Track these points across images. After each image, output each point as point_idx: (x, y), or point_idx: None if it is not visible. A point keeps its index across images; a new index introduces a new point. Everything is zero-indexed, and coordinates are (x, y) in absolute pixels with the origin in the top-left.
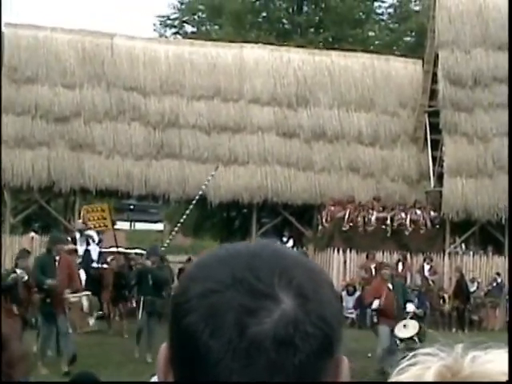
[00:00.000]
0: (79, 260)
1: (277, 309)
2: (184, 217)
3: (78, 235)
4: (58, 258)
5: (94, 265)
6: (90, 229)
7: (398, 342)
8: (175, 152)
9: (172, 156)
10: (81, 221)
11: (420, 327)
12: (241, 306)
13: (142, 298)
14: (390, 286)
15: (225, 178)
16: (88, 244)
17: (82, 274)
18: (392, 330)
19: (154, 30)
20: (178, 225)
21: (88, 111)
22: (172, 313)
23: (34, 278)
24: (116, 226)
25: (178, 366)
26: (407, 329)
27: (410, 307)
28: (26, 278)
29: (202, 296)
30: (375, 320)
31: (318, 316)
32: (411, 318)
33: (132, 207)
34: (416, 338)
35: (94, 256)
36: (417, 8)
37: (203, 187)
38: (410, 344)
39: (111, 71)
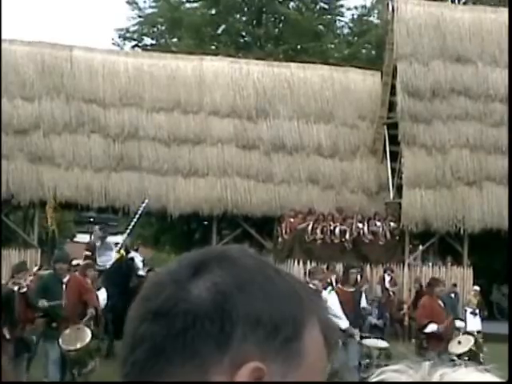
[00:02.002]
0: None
1: (187, 296)
2: (128, 231)
3: (98, 243)
4: (67, 278)
5: (141, 272)
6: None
7: (455, 358)
8: (135, 164)
9: (132, 168)
10: (98, 227)
11: (475, 340)
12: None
13: None
14: (442, 304)
15: (185, 190)
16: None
17: (103, 292)
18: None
19: (113, 43)
20: (125, 235)
21: (47, 123)
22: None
23: (33, 299)
24: (76, 239)
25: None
26: (462, 344)
27: (460, 324)
28: (24, 290)
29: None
30: (425, 345)
31: (223, 311)
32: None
33: (92, 219)
34: (474, 350)
35: (139, 264)
36: (375, 21)
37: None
38: (471, 357)
39: (70, 83)
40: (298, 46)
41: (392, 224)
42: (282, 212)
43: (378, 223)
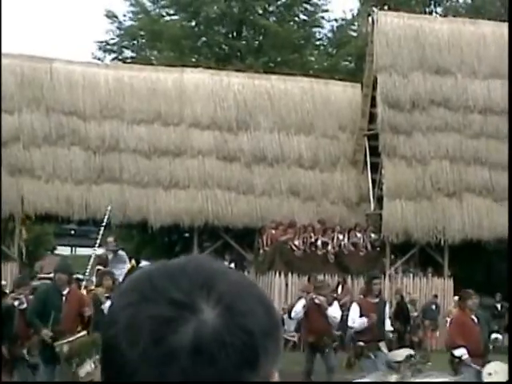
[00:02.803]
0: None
1: (194, 318)
2: (98, 241)
3: (110, 256)
4: (66, 291)
5: None
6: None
7: None
8: (115, 176)
9: (112, 180)
10: (112, 239)
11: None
12: (158, 317)
13: None
14: (475, 319)
15: (165, 201)
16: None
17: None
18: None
19: (93, 57)
20: (96, 247)
21: (27, 136)
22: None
23: (29, 314)
24: (56, 251)
25: (104, 379)
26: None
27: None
28: (24, 306)
29: (122, 309)
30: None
31: (238, 326)
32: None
33: (73, 232)
34: None
35: None
36: (355, 33)
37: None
38: None
39: (50, 95)
40: (278, 58)
41: (373, 235)
42: (263, 224)
43: (359, 234)
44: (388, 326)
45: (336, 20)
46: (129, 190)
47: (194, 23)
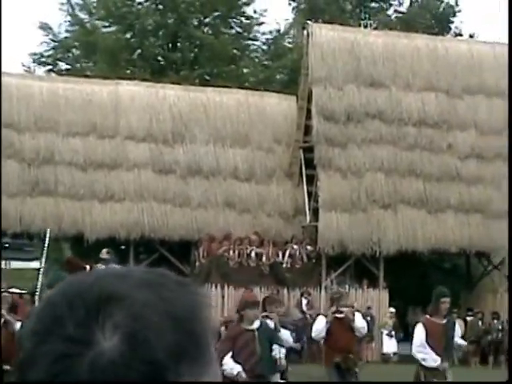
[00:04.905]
0: None
1: (91, 353)
2: (43, 257)
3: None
4: None
5: None
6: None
7: None
8: (51, 189)
9: (47, 193)
10: (105, 250)
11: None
12: (53, 353)
13: None
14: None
15: (101, 214)
16: None
17: None
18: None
19: (26, 70)
20: (43, 261)
21: None
22: None
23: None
24: None
25: None
26: None
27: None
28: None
29: (27, 337)
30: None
31: (138, 356)
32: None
33: (7, 245)
34: None
35: None
36: (290, 45)
37: None
38: None
39: None
40: (214, 70)
41: (309, 247)
42: (199, 236)
43: (295, 246)
44: (462, 346)
45: (271, 32)
46: (64, 202)
47: (129, 35)
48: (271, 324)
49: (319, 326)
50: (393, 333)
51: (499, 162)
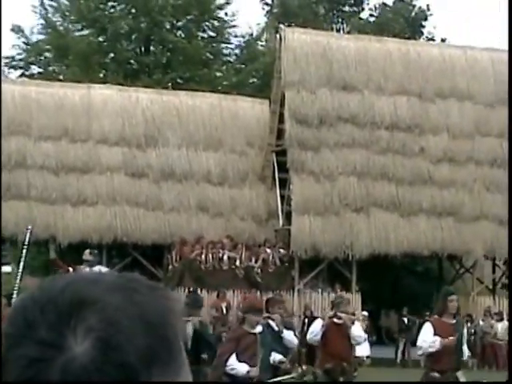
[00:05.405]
0: None
1: (62, 357)
2: (22, 261)
3: (87, 270)
4: None
5: None
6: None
7: None
8: (23, 193)
9: (19, 197)
10: (88, 251)
11: None
12: (25, 358)
13: None
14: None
15: (73, 218)
16: None
17: None
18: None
19: None
20: (21, 266)
21: None
22: None
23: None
24: None
25: None
26: None
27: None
28: None
29: (3, 337)
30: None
31: (110, 360)
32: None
33: None
34: None
35: None
36: (263, 49)
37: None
38: None
39: None
40: (187, 74)
41: (281, 251)
42: (172, 240)
43: (268, 250)
44: (466, 352)
45: (243, 36)
46: (36, 206)
47: (102, 39)
48: (273, 325)
49: (315, 329)
50: (365, 336)
51: (471, 165)
